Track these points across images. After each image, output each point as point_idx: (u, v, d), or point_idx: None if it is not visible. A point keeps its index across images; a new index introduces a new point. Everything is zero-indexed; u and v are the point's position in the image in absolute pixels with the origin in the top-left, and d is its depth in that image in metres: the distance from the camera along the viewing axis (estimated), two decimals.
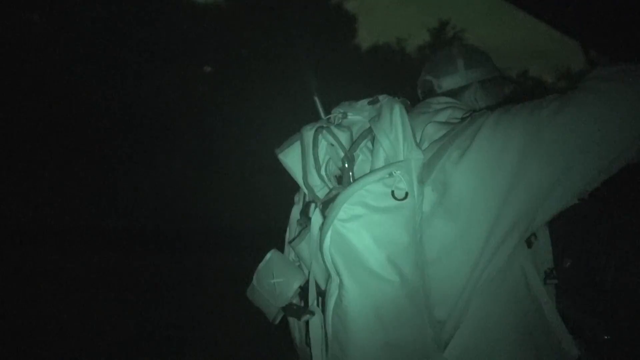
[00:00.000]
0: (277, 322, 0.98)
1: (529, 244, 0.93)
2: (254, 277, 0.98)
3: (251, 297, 1.01)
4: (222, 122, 15.58)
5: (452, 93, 1.15)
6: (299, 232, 0.93)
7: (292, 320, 1.01)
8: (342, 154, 0.88)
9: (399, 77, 17.61)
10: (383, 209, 0.79)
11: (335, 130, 0.89)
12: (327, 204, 0.83)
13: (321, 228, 0.81)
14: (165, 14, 16.15)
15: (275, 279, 0.95)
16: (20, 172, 13.34)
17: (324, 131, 0.89)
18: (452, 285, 0.86)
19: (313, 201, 0.91)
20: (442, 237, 0.86)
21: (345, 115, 0.95)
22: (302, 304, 0.96)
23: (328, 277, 0.84)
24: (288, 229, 1.05)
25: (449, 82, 1.16)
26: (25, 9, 14.96)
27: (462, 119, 0.96)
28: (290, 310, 0.94)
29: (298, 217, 1.00)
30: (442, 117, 1.01)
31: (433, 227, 0.86)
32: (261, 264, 0.98)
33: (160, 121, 15.20)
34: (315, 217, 0.86)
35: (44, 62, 13.96)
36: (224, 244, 9.73)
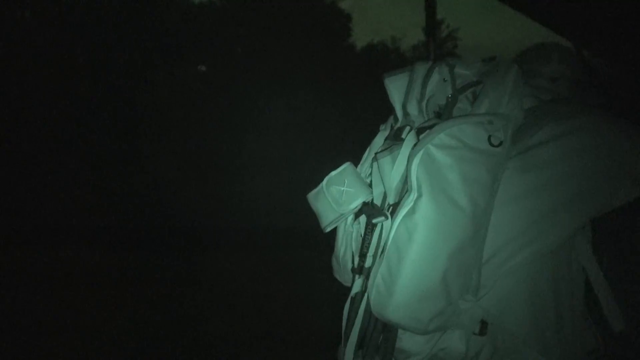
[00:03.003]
0: (328, 229, 1.03)
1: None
2: (324, 181, 1.02)
3: (311, 200, 1.05)
4: (218, 121, 15.55)
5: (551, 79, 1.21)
6: (388, 147, 0.97)
7: (342, 231, 1.06)
8: (450, 91, 0.96)
9: None
10: (476, 149, 0.87)
11: (453, 68, 0.98)
12: (423, 130, 0.91)
13: (414, 147, 0.89)
14: (159, 13, 16.08)
15: (345, 187, 1.00)
16: (18, 171, 13.26)
17: (443, 65, 0.98)
18: (505, 234, 0.93)
19: (407, 126, 0.98)
20: (514, 187, 0.94)
21: (452, 68, 1.00)
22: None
23: (403, 193, 0.91)
24: (368, 150, 1.11)
25: (546, 70, 1.22)
26: (18, 6, 14.86)
27: (553, 101, 1.07)
28: (367, 209, 0.97)
29: (380, 143, 1.06)
30: (543, 95, 1.09)
31: (511, 175, 0.94)
32: (334, 172, 1.02)
33: (156, 120, 15.15)
34: (410, 137, 0.93)
35: (38, 61, 13.88)
36: (221, 243, 9.71)
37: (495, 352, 0.94)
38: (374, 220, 0.94)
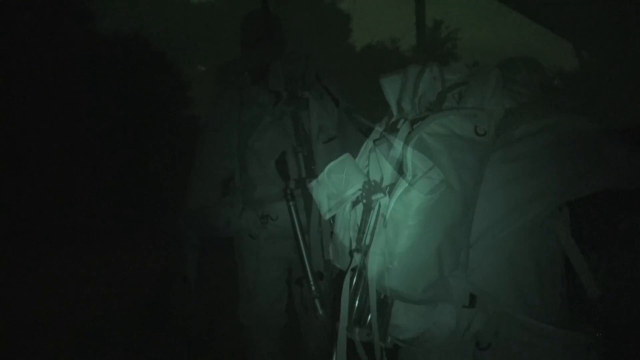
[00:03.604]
0: (328, 216, 1.10)
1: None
2: (326, 169, 1.10)
3: (313, 188, 1.13)
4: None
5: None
6: (385, 136, 1.08)
7: (340, 218, 1.14)
8: (439, 88, 1.08)
9: None
10: (464, 137, 0.97)
11: (442, 67, 1.10)
12: (416, 121, 1.01)
13: (408, 134, 0.98)
14: (159, 13, 16.11)
15: (345, 175, 1.08)
16: (17, 171, 13.27)
17: (434, 65, 1.10)
18: (490, 217, 1.05)
19: (401, 118, 1.09)
20: (497, 176, 1.06)
21: (442, 69, 1.12)
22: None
23: (399, 175, 0.99)
24: (364, 145, 1.21)
25: (520, 79, 1.34)
26: (18, 7, 14.87)
27: (531, 104, 1.20)
28: (367, 188, 1.05)
29: (376, 137, 1.15)
30: (520, 98, 1.23)
31: (495, 166, 1.06)
32: (334, 162, 1.10)
33: (156, 119, 15.16)
34: (405, 127, 1.03)
35: (38, 62, 13.90)
36: (220, 243, 9.70)
37: (488, 320, 1.05)
38: (374, 197, 1.02)
